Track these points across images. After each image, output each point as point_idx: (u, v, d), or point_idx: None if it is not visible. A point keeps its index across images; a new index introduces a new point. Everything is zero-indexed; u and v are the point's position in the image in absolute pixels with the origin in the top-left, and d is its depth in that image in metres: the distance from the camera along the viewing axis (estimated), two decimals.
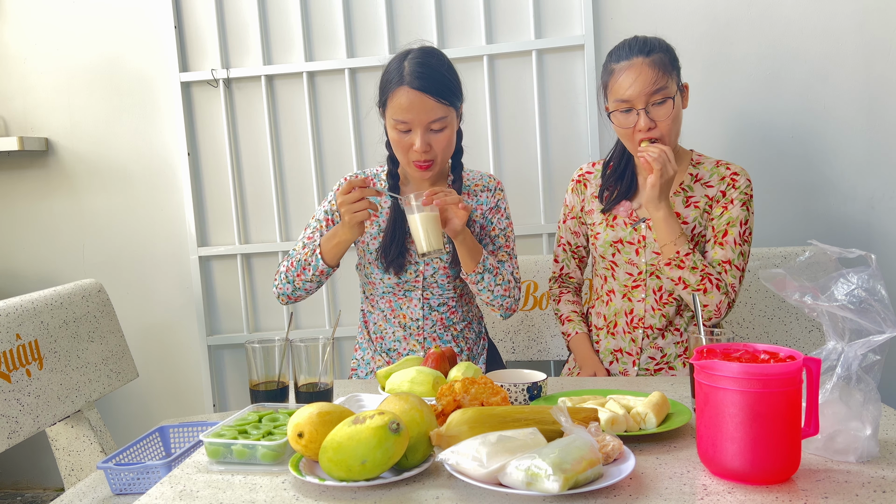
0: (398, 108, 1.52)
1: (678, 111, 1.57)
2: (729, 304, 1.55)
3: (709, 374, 0.95)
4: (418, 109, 1.51)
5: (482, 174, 1.73)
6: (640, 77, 1.53)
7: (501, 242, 1.69)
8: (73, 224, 2.56)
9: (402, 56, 1.56)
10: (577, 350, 1.72)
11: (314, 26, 2.37)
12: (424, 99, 1.51)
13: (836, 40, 2.13)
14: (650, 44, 1.57)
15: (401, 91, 1.51)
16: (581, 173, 1.78)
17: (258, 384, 1.34)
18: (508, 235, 1.70)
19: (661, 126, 1.54)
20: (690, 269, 1.53)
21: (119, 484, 1.46)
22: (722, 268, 1.57)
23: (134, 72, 2.47)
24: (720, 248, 1.58)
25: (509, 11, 2.28)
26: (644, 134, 1.54)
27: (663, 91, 1.53)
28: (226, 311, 2.52)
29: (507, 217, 1.71)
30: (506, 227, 1.70)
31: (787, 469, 0.93)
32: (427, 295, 1.68)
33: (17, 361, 1.60)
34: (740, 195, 1.59)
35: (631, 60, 1.55)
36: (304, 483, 1.00)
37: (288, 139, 2.43)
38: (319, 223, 1.68)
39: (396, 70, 1.54)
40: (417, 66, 1.52)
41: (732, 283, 1.56)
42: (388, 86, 1.55)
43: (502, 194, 1.72)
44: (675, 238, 1.53)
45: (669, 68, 1.55)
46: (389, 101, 1.54)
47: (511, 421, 1.01)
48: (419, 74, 1.51)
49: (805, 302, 1.02)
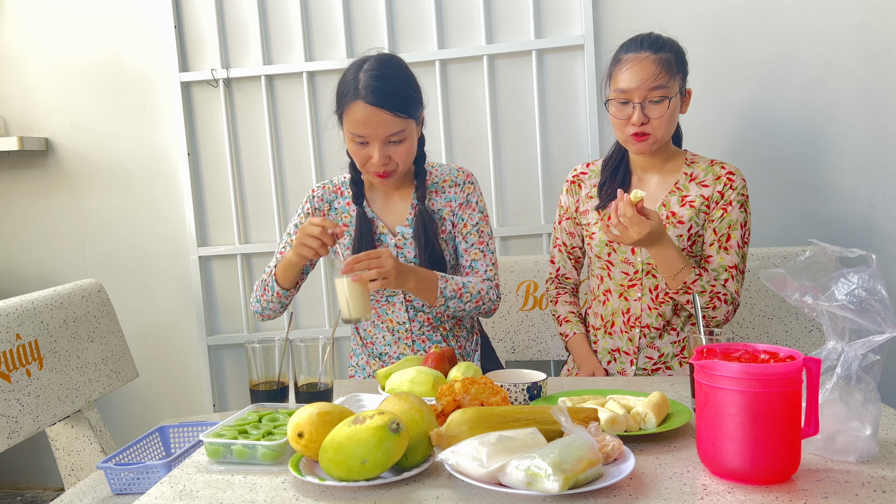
0: (354, 122, 1.49)
1: (673, 113, 1.57)
2: (734, 310, 1.58)
3: (709, 374, 0.94)
4: (374, 124, 1.48)
5: (451, 168, 1.69)
6: (642, 71, 1.54)
7: (474, 239, 1.65)
8: (73, 224, 2.56)
9: (359, 65, 1.52)
10: (576, 350, 1.72)
11: (314, 26, 2.37)
12: (380, 114, 1.47)
13: (836, 40, 2.13)
14: (662, 42, 1.58)
15: (356, 106, 1.48)
16: (575, 174, 1.78)
17: (258, 384, 1.34)
18: (482, 230, 1.66)
19: (653, 123, 1.55)
20: (699, 294, 1.53)
21: (119, 484, 1.46)
22: (728, 273, 1.58)
23: (134, 72, 2.47)
24: (725, 252, 1.58)
25: (509, 11, 2.28)
26: (636, 128, 1.55)
27: (662, 90, 1.54)
28: (226, 311, 2.52)
29: (481, 211, 1.66)
30: (478, 222, 1.66)
31: (787, 469, 0.93)
32: (409, 298, 1.66)
33: (17, 361, 1.59)
34: (738, 196, 1.59)
35: (638, 54, 1.56)
36: (304, 483, 1.00)
37: (288, 139, 2.43)
38: (290, 237, 1.67)
39: (352, 81, 1.49)
40: (372, 80, 1.48)
41: (737, 290, 1.58)
42: (344, 98, 1.51)
43: (472, 187, 1.67)
44: (677, 271, 1.52)
45: (675, 70, 1.56)
46: (346, 114, 1.51)
47: (511, 421, 1.01)
48: (374, 89, 1.47)
49: (805, 302, 1.02)
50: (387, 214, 1.67)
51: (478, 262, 1.64)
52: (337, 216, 1.69)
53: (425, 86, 1.58)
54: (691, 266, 1.53)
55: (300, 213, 1.70)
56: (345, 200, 1.69)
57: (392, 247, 1.64)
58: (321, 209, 1.69)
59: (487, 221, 1.68)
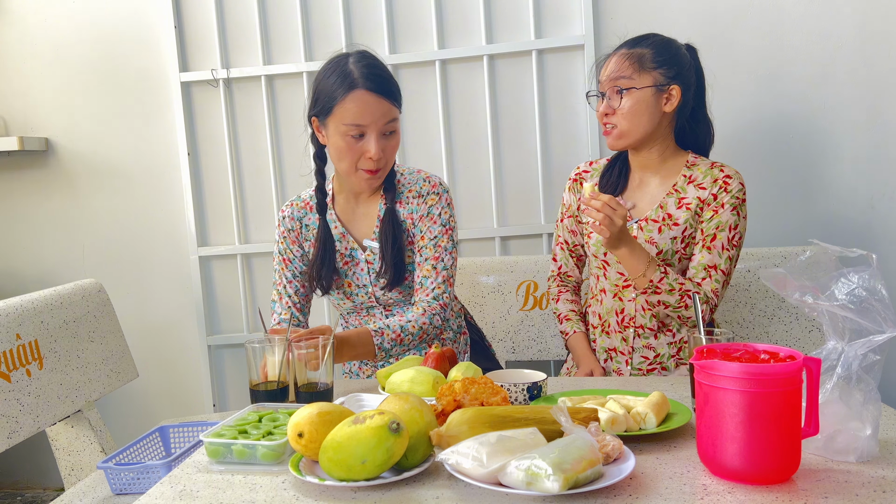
0: (351, 112, 1.46)
1: (639, 106, 1.56)
2: (710, 310, 1.57)
3: (709, 374, 0.94)
4: (374, 111, 1.46)
5: (420, 177, 1.62)
6: (612, 64, 1.59)
7: (428, 254, 1.57)
8: (72, 224, 2.56)
9: (342, 61, 1.50)
10: (575, 349, 1.72)
11: (314, 26, 2.37)
12: (381, 101, 1.47)
13: (836, 40, 2.13)
14: (645, 39, 1.60)
15: (354, 95, 1.46)
16: (578, 172, 1.78)
17: (258, 384, 1.34)
18: (439, 245, 1.57)
19: (617, 115, 1.58)
20: (668, 292, 1.53)
21: (119, 484, 1.46)
22: (707, 273, 1.57)
23: (134, 72, 2.47)
24: (707, 252, 1.58)
25: (509, 11, 2.28)
26: (602, 119, 1.61)
27: (625, 80, 1.56)
28: (226, 311, 2.52)
29: (443, 224, 1.58)
30: (437, 236, 1.57)
31: (787, 469, 0.93)
32: (389, 308, 1.65)
33: (17, 361, 1.59)
34: (731, 199, 1.58)
35: (618, 50, 1.61)
36: (304, 483, 1.00)
37: (288, 139, 2.43)
38: (280, 265, 1.67)
39: (342, 75, 1.48)
40: (366, 69, 1.47)
41: (715, 289, 1.56)
42: (333, 93, 1.48)
43: (437, 198, 1.59)
44: (644, 271, 1.52)
45: (648, 64, 1.56)
46: (338, 108, 1.47)
47: (511, 421, 1.01)
48: (373, 76, 1.46)
49: (805, 301, 1.02)
50: (354, 226, 1.64)
51: (427, 280, 1.57)
52: (308, 233, 1.66)
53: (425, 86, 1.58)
54: (656, 264, 1.53)
55: (278, 240, 1.68)
56: (315, 216, 1.65)
57: (363, 262, 1.62)
58: (294, 229, 1.66)
59: (450, 235, 1.60)
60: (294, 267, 1.66)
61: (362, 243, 1.63)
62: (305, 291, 1.68)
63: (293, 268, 1.66)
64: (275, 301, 1.68)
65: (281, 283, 1.67)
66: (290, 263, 1.66)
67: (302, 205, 1.68)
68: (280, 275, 1.67)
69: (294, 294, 1.66)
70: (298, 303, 1.67)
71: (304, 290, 1.68)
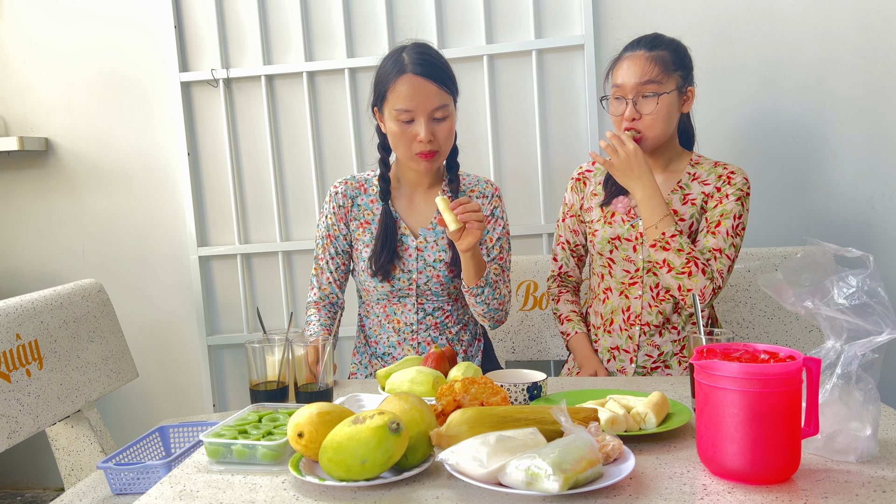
0: (400, 96, 1.52)
1: (667, 110, 1.57)
2: (714, 290, 1.54)
3: (709, 374, 0.95)
4: (422, 95, 1.51)
5: (479, 179, 1.71)
6: (635, 67, 1.57)
7: (496, 254, 1.66)
8: (72, 224, 2.56)
9: (398, 51, 1.57)
10: (577, 350, 1.72)
11: (314, 26, 2.37)
12: (428, 85, 1.51)
13: (836, 40, 2.13)
14: (659, 40, 1.60)
15: (403, 79, 1.52)
16: (581, 171, 1.78)
17: (258, 384, 1.34)
18: (503, 246, 1.67)
19: (644, 119, 1.57)
20: (676, 252, 1.52)
21: (119, 484, 1.46)
22: (712, 254, 1.56)
23: (134, 72, 2.47)
24: (712, 236, 1.58)
25: (509, 11, 2.28)
26: (628, 123, 1.58)
27: (654, 85, 1.56)
28: (226, 311, 2.52)
29: (504, 227, 1.68)
30: (501, 237, 1.67)
31: (787, 469, 0.93)
32: (422, 301, 1.67)
33: (17, 361, 1.59)
34: (736, 190, 1.59)
35: (634, 52, 1.59)
36: (304, 483, 1.00)
37: (288, 139, 2.43)
38: (324, 240, 1.70)
39: (395, 62, 1.54)
40: (417, 56, 1.53)
41: (720, 270, 1.55)
42: (386, 79, 1.55)
43: (499, 201, 1.69)
44: (659, 219, 1.53)
45: (670, 67, 1.57)
46: (390, 94, 1.54)
47: (511, 421, 1.01)
48: (421, 62, 1.52)
49: (805, 307, 1.02)
50: (410, 215, 1.68)
51: (499, 276, 1.64)
52: (358, 213, 1.69)
53: None
54: (673, 220, 1.53)
55: (326, 214, 1.70)
56: (368, 198, 1.69)
57: (413, 248, 1.64)
58: (344, 206, 1.69)
59: (508, 237, 1.70)
60: (337, 244, 1.69)
61: (416, 231, 1.66)
62: (345, 269, 1.72)
63: (336, 245, 1.69)
64: (314, 275, 1.72)
65: (324, 259, 1.70)
66: (335, 241, 1.69)
67: (356, 185, 1.71)
68: (324, 250, 1.70)
69: (335, 271, 1.70)
70: (337, 280, 1.71)
71: (344, 268, 1.72)
